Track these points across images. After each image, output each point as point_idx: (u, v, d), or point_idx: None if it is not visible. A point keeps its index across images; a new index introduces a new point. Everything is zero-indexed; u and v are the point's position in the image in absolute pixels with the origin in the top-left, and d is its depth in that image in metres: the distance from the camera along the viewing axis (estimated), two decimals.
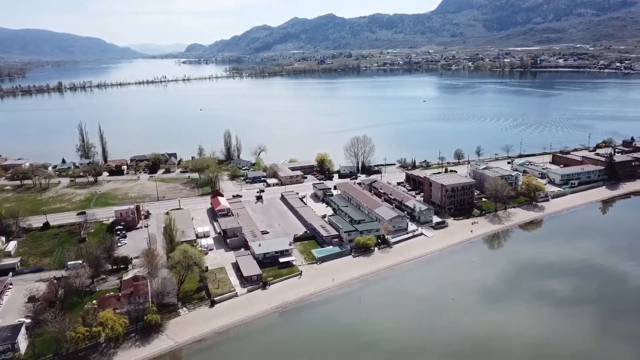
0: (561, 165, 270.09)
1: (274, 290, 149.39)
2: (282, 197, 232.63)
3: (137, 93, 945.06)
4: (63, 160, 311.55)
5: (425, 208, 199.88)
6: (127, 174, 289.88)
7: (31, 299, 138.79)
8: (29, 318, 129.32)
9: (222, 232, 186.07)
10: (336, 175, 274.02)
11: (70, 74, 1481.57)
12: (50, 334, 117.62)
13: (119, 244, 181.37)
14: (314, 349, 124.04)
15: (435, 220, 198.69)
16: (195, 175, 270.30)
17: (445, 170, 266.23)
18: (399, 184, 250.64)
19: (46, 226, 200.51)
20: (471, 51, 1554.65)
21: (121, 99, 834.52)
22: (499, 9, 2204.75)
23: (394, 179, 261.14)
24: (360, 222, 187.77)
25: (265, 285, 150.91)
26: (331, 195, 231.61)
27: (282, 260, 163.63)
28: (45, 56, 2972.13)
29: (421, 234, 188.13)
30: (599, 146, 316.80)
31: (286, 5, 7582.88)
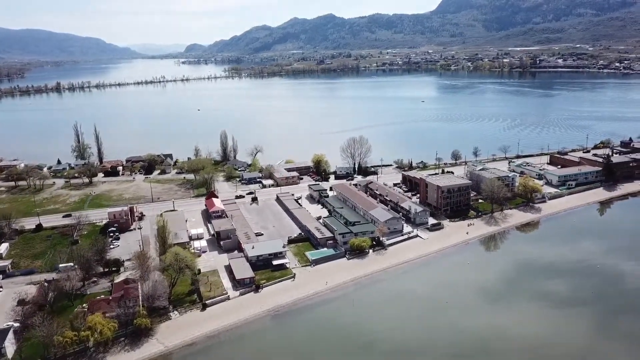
0: (559, 166, 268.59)
1: (267, 293, 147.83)
2: (278, 199, 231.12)
3: (136, 93, 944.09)
4: (58, 161, 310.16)
5: (420, 209, 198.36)
6: (123, 175, 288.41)
7: (20, 302, 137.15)
8: (17, 322, 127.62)
9: (216, 234, 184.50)
10: (332, 176, 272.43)
11: (70, 74, 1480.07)
12: (37, 338, 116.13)
13: (112, 246, 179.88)
14: (306, 353, 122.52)
15: (431, 221, 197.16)
16: (191, 176, 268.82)
17: (442, 171, 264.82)
18: (395, 185, 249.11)
19: (39, 228, 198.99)
20: (470, 51, 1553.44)
21: (119, 100, 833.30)
22: (498, 9, 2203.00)
23: (390, 180, 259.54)
24: (355, 224, 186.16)
25: (257, 288, 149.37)
26: (327, 196, 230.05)
27: (276, 262, 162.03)
28: (44, 56, 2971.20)
29: (416, 235, 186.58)
30: (597, 147, 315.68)
31: (286, 5, 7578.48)
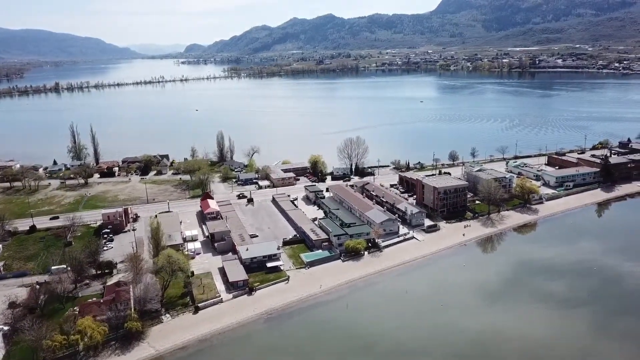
0: (556, 167, 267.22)
1: (260, 296, 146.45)
2: (274, 200, 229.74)
3: (134, 93, 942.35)
4: (54, 162, 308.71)
5: (416, 211, 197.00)
6: (119, 175, 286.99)
7: (11, 305, 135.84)
8: (7, 325, 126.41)
9: (210, 236, 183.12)
10: (329, 177, 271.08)
11: (69, 74, 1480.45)
12: (27, 342, 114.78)
13: (105, 248, 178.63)
14: (299, 356, 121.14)
15: (427, 223, 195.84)
16: (187, 177, 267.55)
17: (439, 172, 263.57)
18: (392, 186, 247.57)
19: (32, 229, 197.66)
20: (470, 51, 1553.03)
21: (118, 100, 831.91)
22: (498, 9, 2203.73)
23: (387, 180, 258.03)
24: (350, 226, 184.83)
25: (251, 290, 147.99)
26: (323, 197, 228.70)
27: (270, 264, 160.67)
28: (44, 56, 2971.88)
29: (412, 237, 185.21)
30: (595, 147, 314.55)
31: (285, 5, 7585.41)
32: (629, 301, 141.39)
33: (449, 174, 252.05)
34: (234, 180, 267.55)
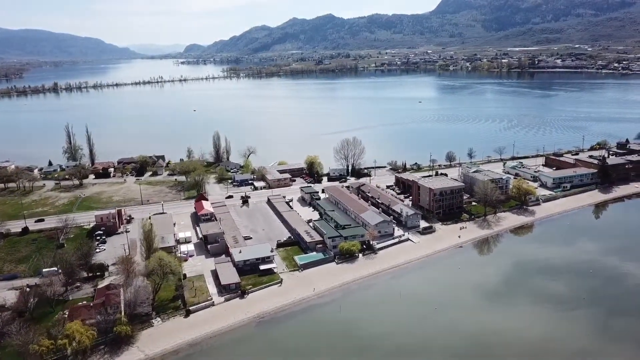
0: (554, 168, 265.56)
1: (253, 299, 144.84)
2: (269, 201, 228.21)
3: (133, 94, 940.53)
4: (50, 163, 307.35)
5: (412, 213, 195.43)
6: (114, 176, 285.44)
7: (0, 309, 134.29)
8: None
9: (203, 238, 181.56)
10: (325, 178, 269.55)
11: (68, 74, 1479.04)
12: (14, 347, 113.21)
13: (98, 250, 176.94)
14: None
15: (423, 225, 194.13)
16: (183, 178, 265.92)
17: (436, 173, 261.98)
18: (388, 187, 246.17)
19: (25, 231, 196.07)
20: (469, 51, 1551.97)
21: (116, 100, 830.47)
22: (497, 9, 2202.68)
23: (383, 182, 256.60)
24: (345, 228, 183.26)
25: (243, 293, 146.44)
26: (318, 199, 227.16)
27: (263, 267, 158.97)
28: (44, 56, 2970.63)
29: (407, 239, 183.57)
30: (593, 148, 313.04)
31: (285, 5, 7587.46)
32: (627, 302, 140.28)
33: (446, 175, 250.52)
34: (229, 181, 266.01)
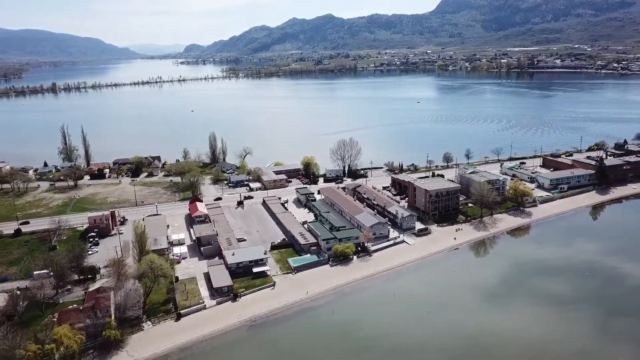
0: (551, 169, 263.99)
1: (245, 302, 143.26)
2: (264, 203, 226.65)
3: (132, 94, 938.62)
4: (45, 164, 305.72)
5: (407, 214, 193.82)
6: (109, 177, 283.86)
7: None
8: None
9: (197, 240, 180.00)
10: (321, 179, 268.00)
11: (68, 74, 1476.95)
12: (0, 352, 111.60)
13: (90, 252, 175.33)
14: None
15: (418, 226, 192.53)
16: (179, 179, 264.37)
17: (433, 174, 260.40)
18: (384, 188, 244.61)
19: (18, 233, 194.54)
20: (469, 52, 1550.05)
21: (114, 100, 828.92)
22: (497, 9, 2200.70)
23: (380, 183, 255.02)
24: (340, 229, 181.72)
25: (235, 297, 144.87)
26: (314, 200, 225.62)
27: (256, 270, 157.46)
28: (43, 57, 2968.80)
29: (402, 241, 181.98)
30: (591, 149, 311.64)
31: (285, 5, 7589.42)
32: (626, 302, 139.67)
33: (442, 176, 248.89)
34: (225, 182, 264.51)
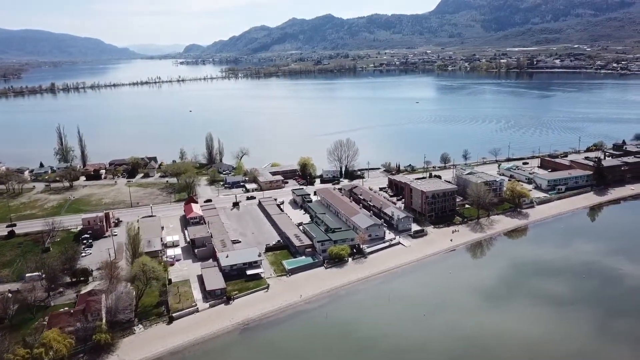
0: (549, 170, 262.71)
1: (238, 305, 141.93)
2: (260, 204, 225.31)
3: (130, 94, 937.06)
4: (41, 164, 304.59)
5: (403, 216, 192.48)
6: (105, 178, 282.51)
7: None
8: None
9: (191, 242, 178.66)
10: (318, 180, 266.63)
11: (67, 74, 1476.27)
12: None
13: (83, 254, 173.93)
14: None
15: (414, 228, 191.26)
16: (175, 180, 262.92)
17: (430, 175, 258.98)
18: (381, 189, 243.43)
19: (11, 234, 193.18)
20: (468, 52, 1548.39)
21: (113, 100, 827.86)
22: (497, 9, 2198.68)
23: (377, 184, 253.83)
24: (335, 231, 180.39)
25: (229, 299, 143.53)
26: (310, 201, 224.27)
27: (250, 272, 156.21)
28: (43, 57, 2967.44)
29: (398, 243, 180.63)
30: (589, 149, 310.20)
31: (285, 5, 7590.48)
32: (624, 302, 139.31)
33: (439, 177, 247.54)
34: (221, 183, 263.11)
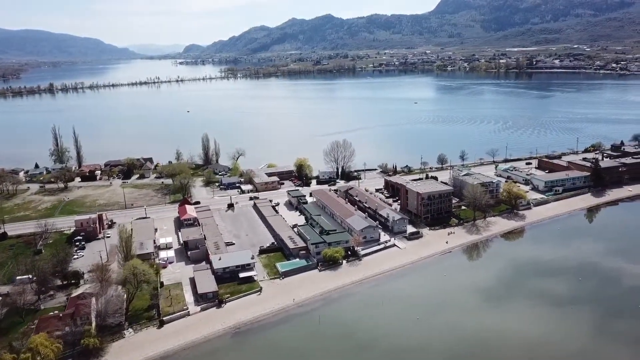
0: (547, 171, 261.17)
1: (230, 309, 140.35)
2: (255, 205, 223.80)
3: (129, 94, 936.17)
4: (36, 165, 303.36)
5: (399, 217, 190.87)
6: (100, 179, 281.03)
7: None
8: None
9: (184, 244, 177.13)
10: (314, 181, 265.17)
11: (67, 74, 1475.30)
12: None
13: (75, 257, 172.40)
14: None
15: (410, 230, 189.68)
16: (170, 181, 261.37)
17: (426, 176, 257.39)
18: (377, 190, 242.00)
19: (3, 236, 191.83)
20: (468, 52, 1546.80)
21: (112, 101, 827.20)
22: (496, 9, 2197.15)
23: (373, 185, 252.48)
24: (329, 233, 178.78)
25: (221, 303, 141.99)
26: (305, 203, 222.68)
27: (243, 275, 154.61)
28: (43, 57, 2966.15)
29: (393, 245, 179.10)
30: (587, 150, 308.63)
31: (284, 5, 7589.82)
32: (623, 303, 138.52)
33: (436, 178, 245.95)
34: (216, 184, 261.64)
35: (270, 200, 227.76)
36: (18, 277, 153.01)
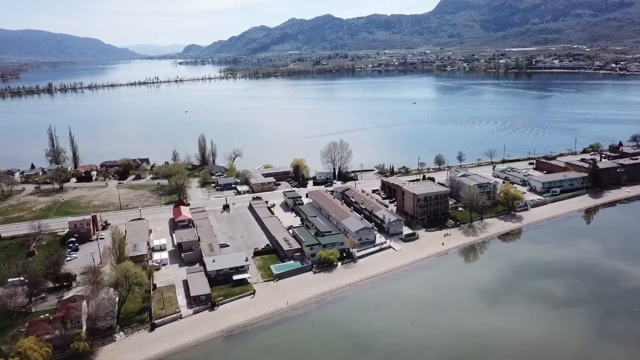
0: (544, 172, 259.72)
1: (223, 312, 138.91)
2: (250, 206, 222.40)
3: (128, 94, 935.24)
4: (32, 166, 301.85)
5: (394, 219, 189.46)
6: (96, 180, 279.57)
7: None
8: None
9: (178, 246, 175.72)
10: (311, 182, 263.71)
11: (66, 75, 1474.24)
12: None
13: (69, 258, 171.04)
14: None
15: (406, 231, 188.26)
16: (166, 182, 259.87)
17: (424, 177, 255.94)
18: (374, 191, 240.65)
19: None
20: (467, 52, 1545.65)
21: (110, 101, 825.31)
22: (496, 9, 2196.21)
23: (370, 186, 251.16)
24: (324, 235, 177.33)
25: (213, 305, 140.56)
26: (301, 204, 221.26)
27: (237, 277, 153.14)
28: (43, 57, 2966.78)
29: (389, 247, 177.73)
30: (585, 151, 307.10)
31: (284, 6, 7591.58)
32: (623, 303, 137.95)
33: (433, 179, 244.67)
34: (212, 185, 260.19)
35: (266, 202, 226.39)
36: (9, 279, 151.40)
